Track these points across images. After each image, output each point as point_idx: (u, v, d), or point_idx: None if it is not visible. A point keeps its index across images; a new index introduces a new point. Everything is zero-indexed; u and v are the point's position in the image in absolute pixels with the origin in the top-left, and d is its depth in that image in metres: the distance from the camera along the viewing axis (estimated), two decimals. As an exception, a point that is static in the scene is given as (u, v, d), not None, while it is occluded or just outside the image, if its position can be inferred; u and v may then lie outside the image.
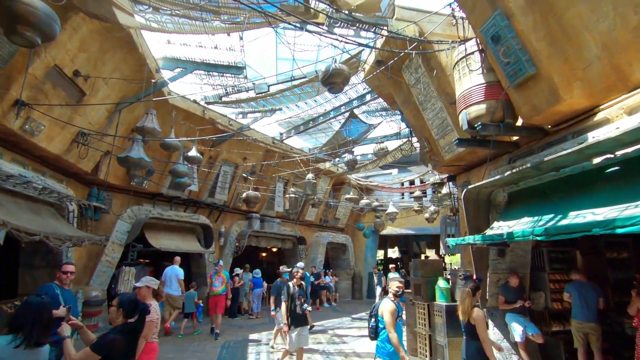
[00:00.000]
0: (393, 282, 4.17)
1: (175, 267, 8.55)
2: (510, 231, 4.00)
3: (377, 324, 3.96)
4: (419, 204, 13.36)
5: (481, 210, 5.85)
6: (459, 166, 7.03)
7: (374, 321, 4.00)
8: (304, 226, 16.46)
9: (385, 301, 4.01)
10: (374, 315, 4.03)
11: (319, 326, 9.80)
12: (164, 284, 8.20)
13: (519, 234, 3.79)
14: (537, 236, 3.50)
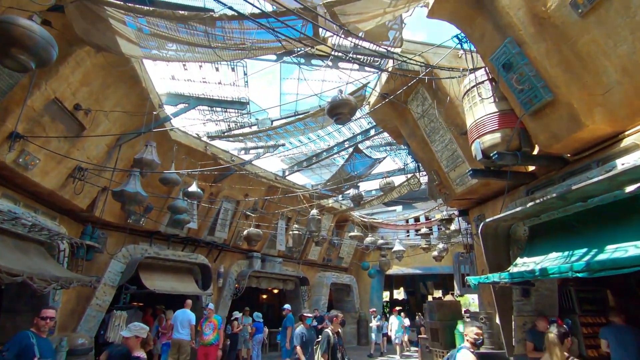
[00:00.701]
0: (470, 328, 3.64)
1: (186, 311, 8.03)
2: (543, 267, 3.59)
3: None
4: (427, 242, 12.85)
5: (501, 245, 5.44)
6: (471, 200, 6.71)
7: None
8: (306, 266, 15.81)
9: (464, 353, 3.43)
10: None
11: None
12: (172, 327, 7.99)
13: (554, 270, 3.38)
14: (577, 272, 3.10)
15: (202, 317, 7.49)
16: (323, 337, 4.60)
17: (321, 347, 4.50)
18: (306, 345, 5.63)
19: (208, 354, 6.86)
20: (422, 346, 6.18)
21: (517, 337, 5.28)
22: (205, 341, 6.92)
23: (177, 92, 8.41)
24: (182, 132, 9.28)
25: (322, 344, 4.51)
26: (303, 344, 5.69)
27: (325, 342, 4.50)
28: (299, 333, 5.82)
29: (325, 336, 4.57)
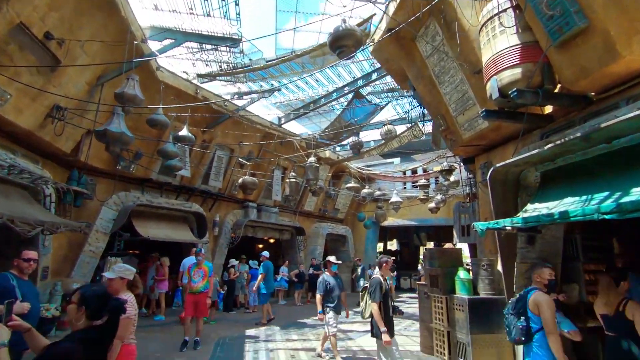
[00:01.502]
0: (542, 269, 3.44)
1: (193, 258, 8.17)
2: (563, 210, 3.33)
3: (528, 323, 3.08)
4: (425, 193, 12.71)
5: (509, 192, 5.19)
6: (478, 146, 6.36)
7: (523, 320, 3.08)
8: (302, 216, 15.80)
9: (539, 294, 3.17)
10: (521, 312, 3.13)
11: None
12: (183, 274, 8.47)
13: (576, 212, 3.12)
14: (606, 214, 2.83)
15: (190, 263, 6.92)
16: (374, 284, 4.07)
17: (373, 296, 4.02)
18: (329, 293, 5.49)
19: (197, 302, 6.28)
20: (421, 292, 6.15)
21: (518, 283, 5.20)
22: (194, 289, 6.34)
23: (162, 26, 7.60)
24: (170, 72, 8.60)
25: (373, 291, 4.02)
26: (326, 292, 5.48)
27: (377, 289, 4.02)
28: (322, 281, 5.57)
29: (376, 283, 4.05)
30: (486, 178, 6.13)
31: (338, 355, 5.39)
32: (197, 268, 6.46)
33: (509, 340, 3.30)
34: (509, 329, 3.18)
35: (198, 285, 6.28)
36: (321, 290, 5.45)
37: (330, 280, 5.61)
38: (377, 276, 4.23)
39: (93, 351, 1.78)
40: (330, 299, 5.49)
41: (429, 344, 5.86)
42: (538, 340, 3.00)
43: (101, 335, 1.84)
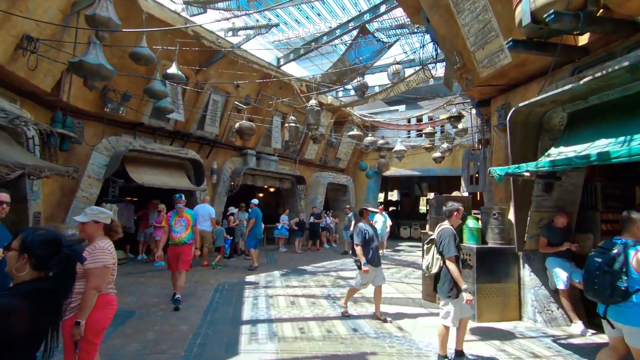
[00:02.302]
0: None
1: (206, 206, 8.59)
2: (603, 151, 2.90)
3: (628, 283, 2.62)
4: (430, 141, 12.21)
5: (530, 135, 4.73)
6: (496, 86, 5.77)
7: (625, 279, 2.61)
8: (303, 165, 15.45)
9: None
10: (623, 271, 2.64)
11: (321, 267, 9.18)
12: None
13: (620, 153, 2.69)
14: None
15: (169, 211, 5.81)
16: (446, 235, 3.55)
17: (447, 249, 3.48)
18: (368, 243, 4.97)
19: (180, 254, 5.30)
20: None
21: (530, 232, 4.94)
22: (177, 239, 5.34)
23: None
24: (155, 2, 7.71)
25: (447, 244, 3.50)
26: (366, 242, 4.95)
27: (451, 242, 3.50)
28: (361, 230, 4.98)
29: (449, 235, 3.53)
30: (503, 121, 5.64)
31: (346, 305, 5.14)
32: (178, 217, 5.47)
33: (595, 300, 2.82)
34: (599, 287, 2.71)
35: (180, 235, 5.37)
36: (360, 239, 4.91)
37: (369, 230, 5.04)
38: (450, 227, 3.64)
39: (42, 307, 1.45)
40: (367, 250, 4.94)
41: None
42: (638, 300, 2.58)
43: (52, 288, 1.51)
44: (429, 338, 4.16)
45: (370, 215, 5.31)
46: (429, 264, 3.69)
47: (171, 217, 5.51)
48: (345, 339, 4.09)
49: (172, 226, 5.40)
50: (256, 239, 8.40)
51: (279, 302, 5.64)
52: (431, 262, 3.66)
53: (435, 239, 3.69)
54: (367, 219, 5.26)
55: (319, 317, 4.89)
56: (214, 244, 9.17)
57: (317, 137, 9.80)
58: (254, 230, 8.35)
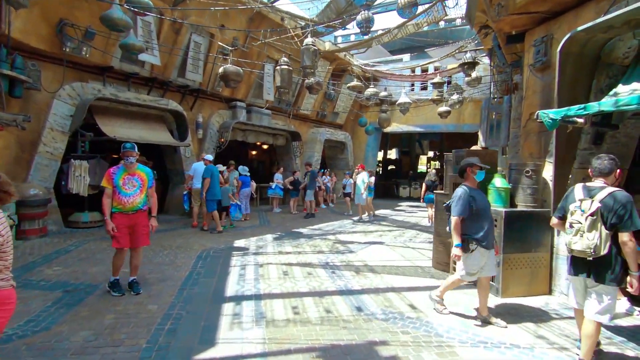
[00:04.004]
0: None
1: (201, 164, 8.03)
2: None
3: None
4: (439, 92, 11.10)
5: (583, 72, 3.75)
6: (536, 14, 4.65)
7: None
8: (298, 120, 14.36)
9: None
10: None
11: (318, 230, 8.48)
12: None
13: None
14: None
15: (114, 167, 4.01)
16: (459, 195, 3.41)
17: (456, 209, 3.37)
18: (476, 218, 3.35)
19: (135, 225, 3.93)
20: (439, 202, 5.11)
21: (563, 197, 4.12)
22: (127, 205, 3.86)
23: None
24: None
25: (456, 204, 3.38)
26: (471, 216, 3.34)
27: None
28: (463, 196, 3.35)
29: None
30: (542, 58, 4.59)
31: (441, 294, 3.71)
32: (127, 174, 3.91)
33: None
34: None
35: (133, 200, 3.88)
36: (460, 210, 3.32)
37: (477, 196, 3.41)
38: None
39: None
40: (475, 228, 3.35)
41: (444, 261, 5.04)
42: None
43: None
44: (449, 321, 3.44)
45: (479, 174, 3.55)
46: (596, 244, 2.50)
47: (117, 175, 3.87)
48: (348, 322, 3.36)
49: (119, 187, 3.85)
50: (214, 199, 7.45)
51: (270, 272, 4.90)
52: (599, 241, 2.51)
53: (601, 208, 2.54)
54: (473, 180, 3.52)
55: (316, 292, 4.16)
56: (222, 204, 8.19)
57: (313, 86, 8.65)
58: (210, 191, 7.38)
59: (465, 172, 3.54)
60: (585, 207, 2.61)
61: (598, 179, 2.73)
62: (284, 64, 6.78)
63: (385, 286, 4.43)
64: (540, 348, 2.96)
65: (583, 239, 2.57)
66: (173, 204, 9.73)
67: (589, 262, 2.59)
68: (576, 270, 2.73)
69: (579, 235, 2.60)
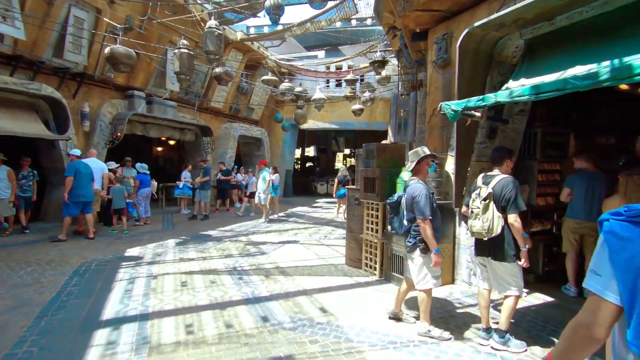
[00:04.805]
0: None
1: (95, 160, 7.21)
2: (591, 72, 2.07)
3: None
4: (352, 89, 11.26)
5: (479, 68, 3.90)
6: (437, 12, 4.79)
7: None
8: (209, 114, 13.38)
9: None
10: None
11: (229, 231, 7.87)
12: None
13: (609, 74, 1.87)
14: None
15: None
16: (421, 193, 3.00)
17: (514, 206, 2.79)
18: (434, 215, 3.07)
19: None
20: (351, 198, 4.99)
21: (470, 186, 4.31)
22: None
23: None
24: None
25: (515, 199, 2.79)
26: (434, 214, 3.04)
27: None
28: (424, 194, 2.98)
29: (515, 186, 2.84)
30: (443, 55, 4.75)
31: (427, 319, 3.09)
32: None
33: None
34: None
35: None
36: (429, 211, 2.94)
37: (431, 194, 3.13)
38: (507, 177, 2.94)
39: None
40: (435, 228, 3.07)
41: (357, 257, 4.95)
42: None
43: None
44: (361, 321, 3.27)
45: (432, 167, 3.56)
46: (489, 225, 2.80)
47: None
48: (250, 337, 2.96)
49: None
50: (78, 201, 6.34)
51: (165, 284, 4.24)
52: (492, 223, 2.80)
53: (492, 193, 2.85)
54: (425, 172, 3.26)
55: (218, 304, 3.66)
56: (112, 206, 7.41)
57: (222, 76, 7.97)
58: (73, 193, 6.27)
59: (420, 164, 3.15)
60: (482, 193, 2.93)
61: (494, 169, 3.05)
62: (183, 47, 6.03)
63: (296, 289, 4.12)
64: (446, 341, 2.93)
65: (479, 221, 2.89)
66: (51, 208, 8.15)
67: (487, 242, 2.86)
68: (478, 251, 3.04)
69: (477, 218, 2.92)
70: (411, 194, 3.05)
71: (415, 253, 3.08)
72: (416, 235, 3.06)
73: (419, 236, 3.03)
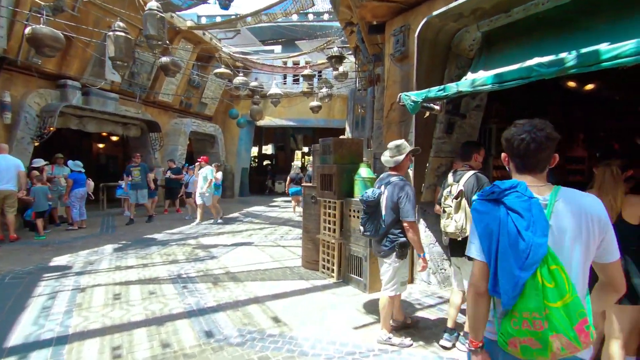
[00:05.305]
0: None
1: (6, 157, 6.35)
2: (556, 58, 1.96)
3: None
4: (309, 85, 10.99)
5: (438, 60, 3.79)
6: (395, 3, 4.64)
7: None
8: (157, 108, 12.47)
9: None
10: None
11: (177, 234, 7.28)
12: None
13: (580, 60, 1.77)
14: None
15: None
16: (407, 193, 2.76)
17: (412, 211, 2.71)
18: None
19: None
20: (307, 196, 4.72)
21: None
22: None
23: None
24: None
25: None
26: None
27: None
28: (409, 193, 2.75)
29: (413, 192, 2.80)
30: (401, 48, 4.61)
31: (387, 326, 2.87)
32: None
33: None
34: None
35: None
36: (414, 213, 2.80)
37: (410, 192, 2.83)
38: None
39: None
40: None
41: (314, 259, 4.68)
42: None
43: None
44: (317, 331, 3.00)
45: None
46: (462, 224, 2.60)
47: None
48: (190, 357, 2.57)
49: None
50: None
51: (94, 298, 3.69)
52: (465, 221, 2.61)
53: (464, 190, 2.65)
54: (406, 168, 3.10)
55: (155, 319, 3.21)
56: (33, 209, 6.61)
57: (168, 67, 7.35)
58: None
59: (404, 159, 2.90)
60: (453, 191, 2.73)
61: (464, 164, 2.88)
62: (118, 30, 5.38)
63: (247, 297, 3.76)
64: (407, 348, 2.75)
65: (452, 221, 2.68)
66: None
67: (462, 243, 2.60)
68: (452, 251, 2.85)
69: (450, 218, 2.72)
70: (396, 192, 2.74)
71: (390, 258, 2.80)
72: (394, 238, 2.77)
73: (397, 240, 2.76)
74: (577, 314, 1.08)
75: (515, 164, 1.32)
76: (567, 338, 1.07)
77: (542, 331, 1.07)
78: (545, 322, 1.07)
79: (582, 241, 1.15)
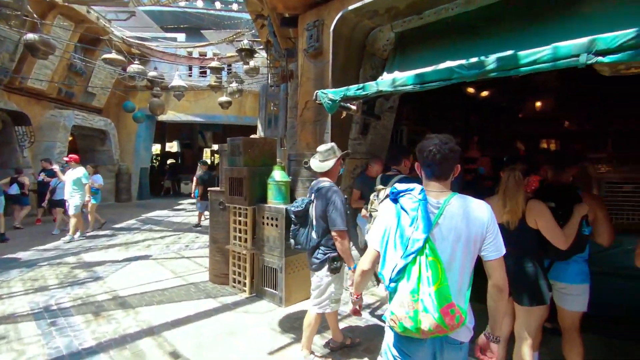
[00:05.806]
0: None
1: None
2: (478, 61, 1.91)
3: None
4: (217, 79, 10.20)
5: (353, 58, 3.64)
6: (308, -5, 4.38)
7: None
8: (25, 97, 10.28)
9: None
10: None
11: (53, 251, 5.99)
12: None
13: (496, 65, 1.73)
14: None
15: None
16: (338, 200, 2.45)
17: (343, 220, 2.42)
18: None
19: None
20: (214, 202, 4.19)
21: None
22: None
23: None
24: None
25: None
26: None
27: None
28: (343, 203, 2.46)
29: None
30: (314, 43, 4.38)
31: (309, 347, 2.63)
32: None
33: None
34: None
35: None
36: (344, 222, 2.43)
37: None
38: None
39: None
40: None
41: (223, 272, 4.18)
42: None
43: None
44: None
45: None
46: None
47: None
48: None
49: None
50: None
51: None
52: None
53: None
54: (337, 173, 2.71)
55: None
56: None
57: (35, 45, 5.99)
58: None
59: (335, 163, 2.62)
60: (381, 195, 2.64)
61: (393, 168, 2.94)
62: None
63: (139, 329, 3.12)
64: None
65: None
66: None
67: None
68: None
69: None
70: (325, 200, 2.45)
71: (322, 272, 2.52)
72: (327, 251, 2.49)
73: (329, 252, 2.48)
74: (444, 299, 1.28)
75: (425, 171, 1.50)
76: (433, 319, 1.27)
77: (414, 310, 1.29)
78: (417, 304, 1.29)
79: (464, 239, 1.37)
